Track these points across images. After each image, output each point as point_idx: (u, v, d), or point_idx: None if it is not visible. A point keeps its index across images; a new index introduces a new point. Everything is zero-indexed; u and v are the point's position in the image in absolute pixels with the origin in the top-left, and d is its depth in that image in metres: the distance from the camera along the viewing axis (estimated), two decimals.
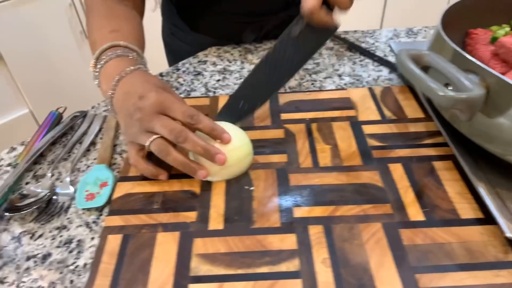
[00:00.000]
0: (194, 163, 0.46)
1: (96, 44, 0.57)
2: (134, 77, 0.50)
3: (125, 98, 0.48)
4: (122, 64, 0.52)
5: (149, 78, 0.50)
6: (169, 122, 0.45)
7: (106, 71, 0.53)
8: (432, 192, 0.46)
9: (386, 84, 0.67)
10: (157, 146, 0.45)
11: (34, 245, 0.46)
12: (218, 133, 0.46)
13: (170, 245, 0.41)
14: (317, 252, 0.40)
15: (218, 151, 0.45)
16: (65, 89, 1.90)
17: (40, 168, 0.56)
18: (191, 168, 0.46)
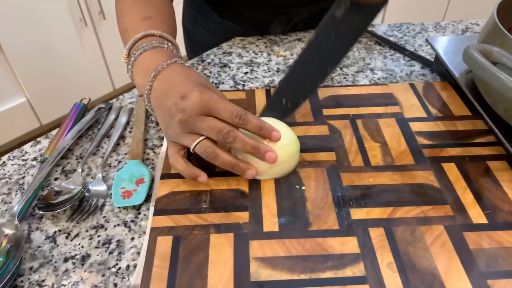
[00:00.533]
0: (243, 163, 0.44)
1: (128, 33, 0.53)
2: (173, 73, 0.47)
3: (165, 96, 0.45)
4: (157, 57, 0.48)
5: (189, 74, 0.47)
6: (216, 123, 0.42)
7: (141, 64, 0.49)
8: (491, 193, 0.44)
9: (420, 79, 0.65)
10: (204, 148, 0.43)
11: (71, 245, 0.43)
12: (268, 131, 0.43)
13: (225, 247, 0.39)
14: (381, 256, 0.38)
15: (268, 149, 0.43)
16: (64, 78, 1.84)
17: (69, 163, 0.53)
18: (240, 168, 0.44)
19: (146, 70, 0.48)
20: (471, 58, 0.38)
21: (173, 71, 0.47)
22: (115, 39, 1.90)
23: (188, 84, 0.44)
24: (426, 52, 0.73)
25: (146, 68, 0.48)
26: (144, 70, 0.48)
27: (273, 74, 0.67)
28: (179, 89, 0.44)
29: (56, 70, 1.81)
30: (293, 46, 0.75)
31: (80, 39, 1.82)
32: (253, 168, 0.44)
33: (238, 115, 0.42)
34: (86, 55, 1.87)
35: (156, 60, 0.48)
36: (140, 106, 0.60)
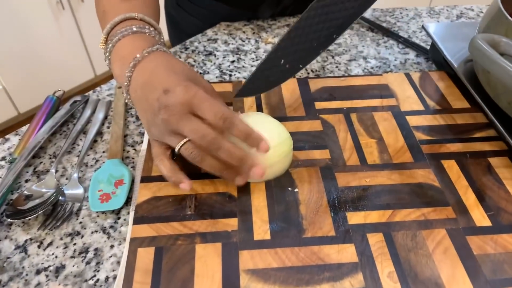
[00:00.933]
0: (232, 168, 0.40)
1: (106, 16, 0.49)
2: (155, 62, 0.42)
3: (146, 89, 0.41)
4: (138, 43, 0.44)
5: (173, 64, 0.42)
6: (200, 127, 0.38)
7: (119, 51, 0.45)
8: (494, 193, 0.41)
9: (416, 68, 0.62)
10: (190, 151, 0.39)
11: (43, 255, 0.39)
12: (255, 140, 0.39)
13: (212, 259, 0.36)
14: (381, 265, 0.35)
15: (254, 165, 0.39)
16: (41, 65, 1.77)
17: (41, 163, 0.48)
18: (229, 174, 0.40)
19: (124, 59, 0.43)
20: (478, 49, 0.35)
21: (155, 60, 0.42)
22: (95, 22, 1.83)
23: (172, 77, 0.40)
24: (421, 39, 0.70)
25: (124, 56, 0.43)
26: (122, 59, 0.44)
27: None
28: (162, 82, 0.40)
29: (33, 57, 1.72)
30: (282, 33, 0.71)
31: (58, 23, 1.74)
32: (243, 175, 0.40)
33: (223, 117, 0.38)
34: (64, 40, 1.79)
35: (136, 47, 0.43)
36: (119, 99, 0.56)
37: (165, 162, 0.40)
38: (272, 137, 0.41)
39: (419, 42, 0.68)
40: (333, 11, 0.42)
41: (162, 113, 0.38)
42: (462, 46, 0.56)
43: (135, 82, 0.42)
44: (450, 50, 0.56)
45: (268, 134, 0.41)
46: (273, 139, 0.41)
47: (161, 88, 0.39)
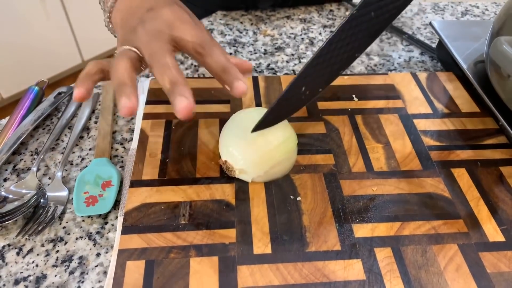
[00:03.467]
0: (132, 88, 0.31)
1: None
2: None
3: (131, 12, 0.38)
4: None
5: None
6: (160, 43, 0.34)
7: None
8: (507, 205, 0.39)
9: (420, 67, 0.60)
10: (118, 54, 0.34)
11: (23, 263, 0.36)
12: (230, 77, 0.33)
13: (208, 274, 0.33)
14: (390, 283, 0.33)
15: (185, 94, 0.31)
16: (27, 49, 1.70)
17: (21, 160, 0.45)
18: (122, 91, 0.31)
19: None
20: (502, 52, 0.33)
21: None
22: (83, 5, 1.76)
23: (161, 1, 0.37)
24: (425, 36, 0.67)
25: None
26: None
27: (260, 56, 0.60)
28: (147, 3, 0.37)
29: (18, 41, 1.65)
30: (281, 25, 0.67)
31: (43, 5, 1.66)
32: (132, 103, 0.31)
33: (202, 41, 0.34)
34: (50, 23, 1.71)
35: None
36: (107, 92, 0.52)
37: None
38: (276, 134, 0.39)
39: (424, 39, 0.66)
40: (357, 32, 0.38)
41: (138, 27, 0.35)
42: (471, 45, 0.54)
43: (122, 8, 0.39)
44: (459, 50, 0.53)
45: (271, 131, 0.38)
46: (277, 137, 0.38)
47: (145, 8, 0.37)
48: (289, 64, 0.59)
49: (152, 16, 0.36)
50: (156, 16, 0.36)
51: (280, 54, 0.61)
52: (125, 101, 0.30)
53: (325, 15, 0.71)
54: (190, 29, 0.35)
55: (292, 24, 0.68)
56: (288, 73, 0.57)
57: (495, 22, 0.46)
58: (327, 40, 0.37)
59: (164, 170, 0.41)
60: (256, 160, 0.38)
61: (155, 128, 0.45)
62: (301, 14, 0.70)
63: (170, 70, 0.32)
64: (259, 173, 0.38)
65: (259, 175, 0.38)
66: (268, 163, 0.38)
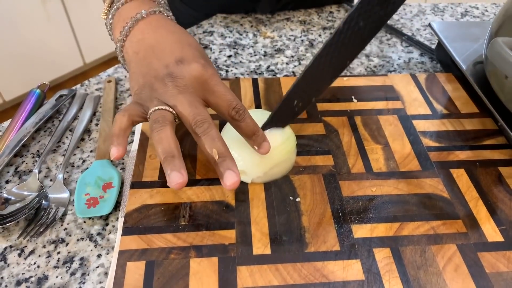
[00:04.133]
0: (180, 161, 0.32)
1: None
2: (165, 28, 0.39)
3: (152, 53, 0.37)
4: (145, 6, 0.41)
5: (187, 36, 0.40)
6: (198, 106, 0.35)
7: (123, 13, 0.41)
8: (506, 205, 0.39)
9: (420, 68, 0.60)
10: (157, 116, 0.34)
11: (24, 265, 0.36)
12: (259, 139, 0.36)
13: (207, 275, 0.33)
14: (389, 283, 0.33)
15: (232, 168, 0.33)
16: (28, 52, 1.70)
17: (23, 162, 0.45)
18: (172, 164, 0.32)
19: (128, 18, 0.40)
20: (499, 53, 0.33)
21: (164, 25, 0.40)
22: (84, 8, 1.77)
23: (187, 49, 0.37)
24: (425, 37, 0.67)
25: (128, 16, 0.40)
26: (125, 18, 0.40)
27: (259, 58, 0.61)
28: (175, 51, 0.37)
29: (20, 43, 1.66)
30: (281, 27, 0.68)
31: (45, 8, 1.67)
32: (182, 176, 0.32)
33: (237, 108, 0.35)
34: (52, 26, 1.72)
35: (137, 9, 0.40)
36: (108, 94, 0.53)
37: (124, 119, 0.35)
38: (276, 135, 0.39)
39: (423, 41, 0.66)
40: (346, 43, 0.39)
41: (168, 81, 0.35)
42: (470, 46, 0.54)
43: (138, 43, 0.39)
44: (458, 51, 0.53)
45: (271, 133, 0.39)
46: (276, 138, 0.39)
47: (173, 56, 0.36)
48: (289, 66, 0.59)
49: (184, 71, 0.36)
50: (187, 72, 0.36)
51: (280, 56, 0.61)
52: (177, 176, 0.31)
53: (324, 17, 0.71)
54: (224, 93, 0.36)
55: (292, 26, 0.68)
56: (288, 74, 0.57)
57: (493, 23, 0.46)
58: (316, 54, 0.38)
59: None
60: (255, 161, 0.38)
61: None
62: (301, 16, 0.71)
63: (218, 143, 0.33)
64: (258, 174, 0.38)
65: (258, 176, 0.39)
66: (268, 164, 0.39)
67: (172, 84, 0.35)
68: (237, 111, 0.35)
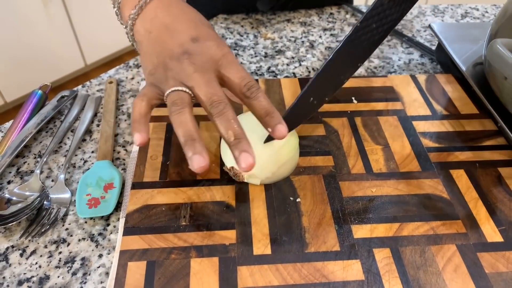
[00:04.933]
0: (201, 144, 0.32)
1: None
2: (179, 7, 0.39)
3: (166, 32, 0.37)
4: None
5: (201, 17, 0.39)
6: (214, 85, 0.34)
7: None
8: (505, 206, 0.39)
9: (420, 69, 0.60)
10: (175, 98, 0.34)
11: (26, 265, 0.37)
12: (274, 120, 0.34)
13: (208, 275, 0.33)
14: (389, 284, 0.33)
15: (248, 150, 0.32)
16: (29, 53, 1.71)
17: (25, 163, 0.45)
18: (193, 147, 0.31)
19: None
20: (497, 54, 0.33)
21: (173, 1, 0.39)
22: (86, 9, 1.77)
23: (201, 28, 0.37)
24: (425, 38, 0.67)
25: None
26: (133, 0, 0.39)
27: (260, 59, 0.61)
28: (190, 29, 0.37)
29: (21, 44, 1.67)
30: (282, 28, 0.68)
31: (47, 10, 1.68)
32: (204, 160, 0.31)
33: (249, 85, 0.35)
34: (53, 28, 1.73)
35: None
36: (109, 95, 0.53)
37: (143, 104, 0.35)
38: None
39: (424, 42, 0.66)
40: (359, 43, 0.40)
41: (184, 59, 0.35)
42: (470, 47, 0.54)
43: (151, 21, 0.38)
44: (458, 52, 0.53)
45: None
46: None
47: (188, 35, 0.36)
48: (290, 67, 0.59)
49: (199, 49, 0.35)
50: (203, 49, 0.35)
51: (281, 57, 0.61)
52: (199, 159, 0.31)
53: (325, 18, 0.71)
54: (237, 70, 0.35)
55: (292, 27, 0.68)
56: (288, 76, 0.57)
57: (493, 25, 0.46)
58: (333, 51, 0.38)
59: (165, 172, 0.41)
60: (263, 163, 0.38)
61: (156, 131, 0.45)
62: (302, 17, 0.71)
63: (233, 124, 0.33)
64: (267, 175, 0.38)
65: (267, 176, 0.39)
66: (276, 164, 0.38)
67: (188, 61, 0.35)
68: (249, 88, 0.34)
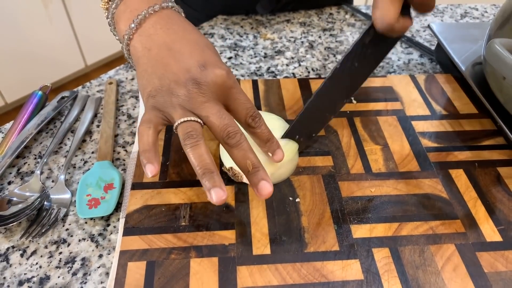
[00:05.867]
0: (219, 177, 0.32)
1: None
2: (172, 22, 0.37)
3: (169, 54, 0.35)
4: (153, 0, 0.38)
5: (204, 39, 0.38)
6: (227, 116, 0.34)
7: (129, 4, 0.38)
8: (504, 205, 0.40)
9: (420, 69, 0.60)
10: (189, 129, 0.33)
11: (27, 265, 0.37)
12: (273, 146, 0.37)
13: (208, 275, 0.33)
14: (388, 283, 0.33)
15: (266, 178, 0.33)
16: (29, 54, 1.71)
17: (25, 164, 0.45)
18: (212, 180, 0.32)
19: (136, 10, 0.37)
20: (495, 54, 0.33)
21: (179, 22, 0.38)
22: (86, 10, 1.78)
23: (208, 53, 0.36)
24: (424, 38, 0.67)
25: (136, 8, 0.38)
26: (133, 10, 0.38)
27: (260, 60, 0.61)
28: (196, 54, 0.35)
29: (21, 46, 1.67)
30: (281, 28, 0.68)
31: (47, 10, 1.68)
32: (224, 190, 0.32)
33: (254, 115, 0.36)
34: (53, 28, 1.73)
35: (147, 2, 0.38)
36: (109, 96, 0.53)
37: (150, 132, 0.34)
38: (279, 137, 0.39)
39: (423, 42, 0.66)
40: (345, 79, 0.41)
41: (191, 87, 0.34)
42: (469, 47, 0.54)
43: (150, 38, 0.36)
44: (457, 52, 0.53)
45: (274, 134, 0.39)
46: (279, 140, 0.39)
47: (194, 60, 0.35)
48: (289, 67, 0.59)
49: (207, 78, 0.34)
50: (212, 78, 0.34)
51: (280, 57, 0.61)
52: (220, 193, 0.31)
53: (324, 19, 0.71)
54: (244, 101, 0.36)
55: (292, 27, 0.69)
56: (288, 76, 0.58)
57: (492, 24, 0.46)
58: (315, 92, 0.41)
59: (165, 172, 0.41)
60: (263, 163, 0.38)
61: None
62: (301, 18, 0.71)
63: (251, 155, 0.34)
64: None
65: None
66: (274, 166, 0.39)
67: (197, 91, 0.34)
68: (253, 119, 0.36)
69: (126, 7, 0.38)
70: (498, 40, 0.35)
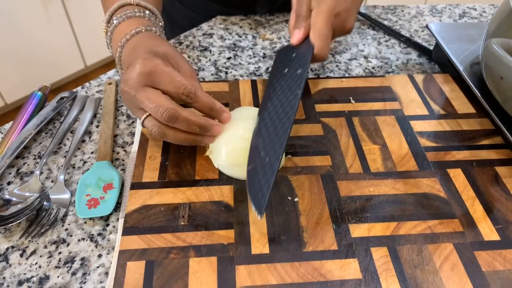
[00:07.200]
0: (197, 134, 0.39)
1: (107, 3, 0.48)
2: (137, 42, 0.43)
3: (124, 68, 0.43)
4: (132, 26, 0.44)
5: (155, 44, 0.42)
6: (155, 98, 0.37)
7: (116, 37, 0.45)
8: (502, 204, 0.40)
9: (418, 69, 0.60)
10: (151, 127, 0.38)
11: (26, 265, 0.37)
12: (218, 112, 0.40)
13: (207, 274, 0.33)
14: (386, 282, 0.33)
15: (213, 122, 0.39)
16: (29, 55, 1.71)
17: (25, 164, 0.46)
18: (196, 140, 0.40)
19: (116, 41, 0.45)
20: (493, 54, 0.33)
21: (138, 39, 0.43)
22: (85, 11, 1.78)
23: (139, 53, 0.39)
24: (423, 38, 0.67)
25: (117, 39, 0.45)
26: (115, 42, 0.45)
27: (259, 60, 0.61)
28: (130, 59, 0.39)
29: (21, 46, 1.67)
30: (280, 29, 0.68)
31: (47, 11, 1.68)
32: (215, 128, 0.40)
33: (186, 92, 0.37)
34: (53, 29, 1.73)
35: (127, 30, 0.44)
36: (108, 96, 0.53)
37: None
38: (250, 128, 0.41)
39: (421, 42, 0.66)
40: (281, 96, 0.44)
41: (122, 86, 0.38)
42: (467, 47, 0.54)
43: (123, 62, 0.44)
44: (455, 52, 0.54)
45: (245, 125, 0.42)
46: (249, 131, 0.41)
47: (127, 64, 0.39)
48: None
49: (130, 74, 0.38)
50: (133, 72, 0.37)
51: None
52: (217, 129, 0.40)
53: None
54: (171, 80, 0.37)
55: None
56: None
57: (489, 25, 0.47)
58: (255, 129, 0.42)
59: (164, 172, 0.41)
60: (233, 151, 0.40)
61: None
62: None
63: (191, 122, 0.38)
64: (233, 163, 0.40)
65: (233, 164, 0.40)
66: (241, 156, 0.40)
67: (126, 88, 0.37)
68: (187, 95, 0.38)
69: (115, 41, 0.45)
70: (496, 40, 0.35)
